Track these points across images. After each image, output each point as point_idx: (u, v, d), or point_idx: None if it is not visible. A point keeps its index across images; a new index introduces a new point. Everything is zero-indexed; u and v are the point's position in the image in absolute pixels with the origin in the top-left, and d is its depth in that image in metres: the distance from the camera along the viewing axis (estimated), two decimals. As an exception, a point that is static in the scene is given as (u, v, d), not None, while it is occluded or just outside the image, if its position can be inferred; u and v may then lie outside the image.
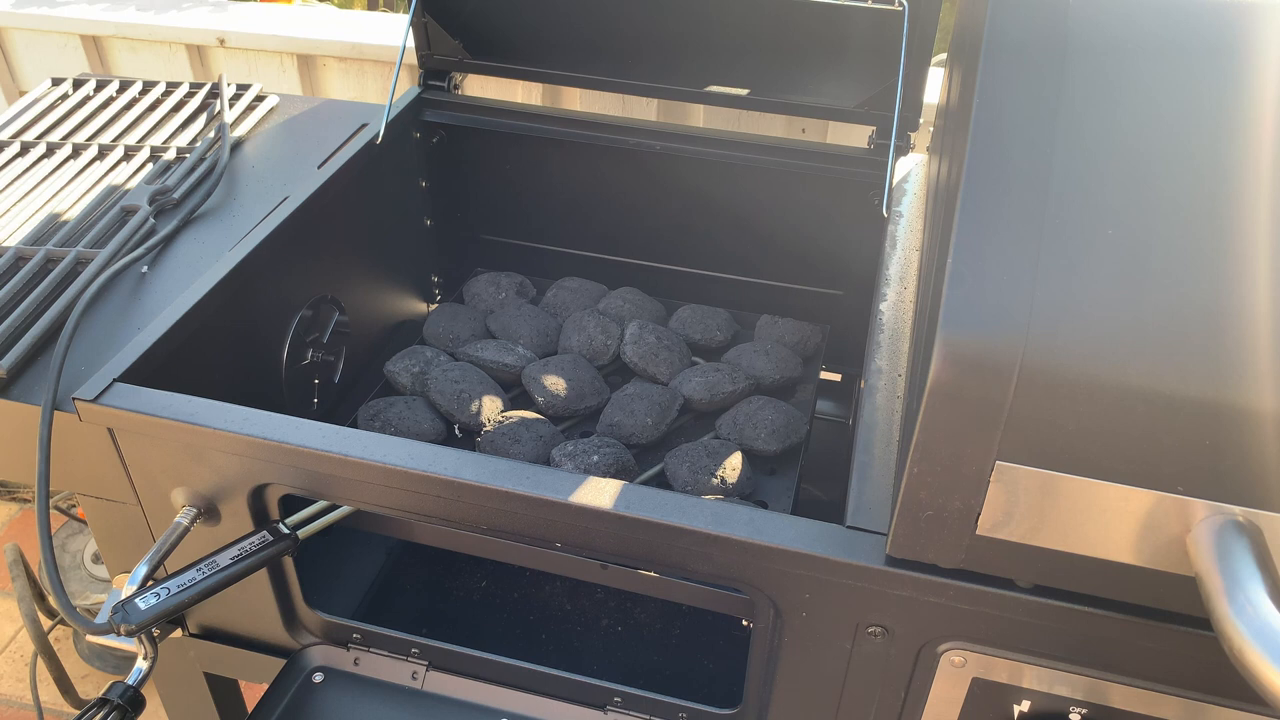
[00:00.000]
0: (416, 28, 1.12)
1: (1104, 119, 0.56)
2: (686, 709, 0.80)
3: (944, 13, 1.01)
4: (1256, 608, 0.47)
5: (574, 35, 1.12)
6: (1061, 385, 0.50)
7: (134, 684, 0.75)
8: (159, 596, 0.71)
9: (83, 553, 1.79)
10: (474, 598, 1.01)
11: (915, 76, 0.99)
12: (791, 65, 1.08)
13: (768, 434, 0.91)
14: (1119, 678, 0.65)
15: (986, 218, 0.53)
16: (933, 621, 0.66)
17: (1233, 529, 0.51)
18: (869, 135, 1.08)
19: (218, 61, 1.72)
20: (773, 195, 1.12)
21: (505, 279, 1.17)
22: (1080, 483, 0.53)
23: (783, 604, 0.69)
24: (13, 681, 1.73)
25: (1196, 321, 0.50)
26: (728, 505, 0.68)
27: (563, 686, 0.83)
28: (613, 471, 0.85)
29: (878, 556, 0.64)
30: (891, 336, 0.82)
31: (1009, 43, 0.59)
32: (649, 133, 1.12)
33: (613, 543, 0.70)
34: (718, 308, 1.12)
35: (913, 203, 1.00)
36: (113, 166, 1.03)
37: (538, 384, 0.97)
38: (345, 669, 0.87)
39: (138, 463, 0.78)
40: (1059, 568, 0.58)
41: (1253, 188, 0.53)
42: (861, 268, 1.07)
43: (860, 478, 0.70)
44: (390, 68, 1.63)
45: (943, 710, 0.70)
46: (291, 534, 0.77)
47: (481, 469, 0.69)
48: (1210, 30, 0.59)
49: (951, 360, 0.51)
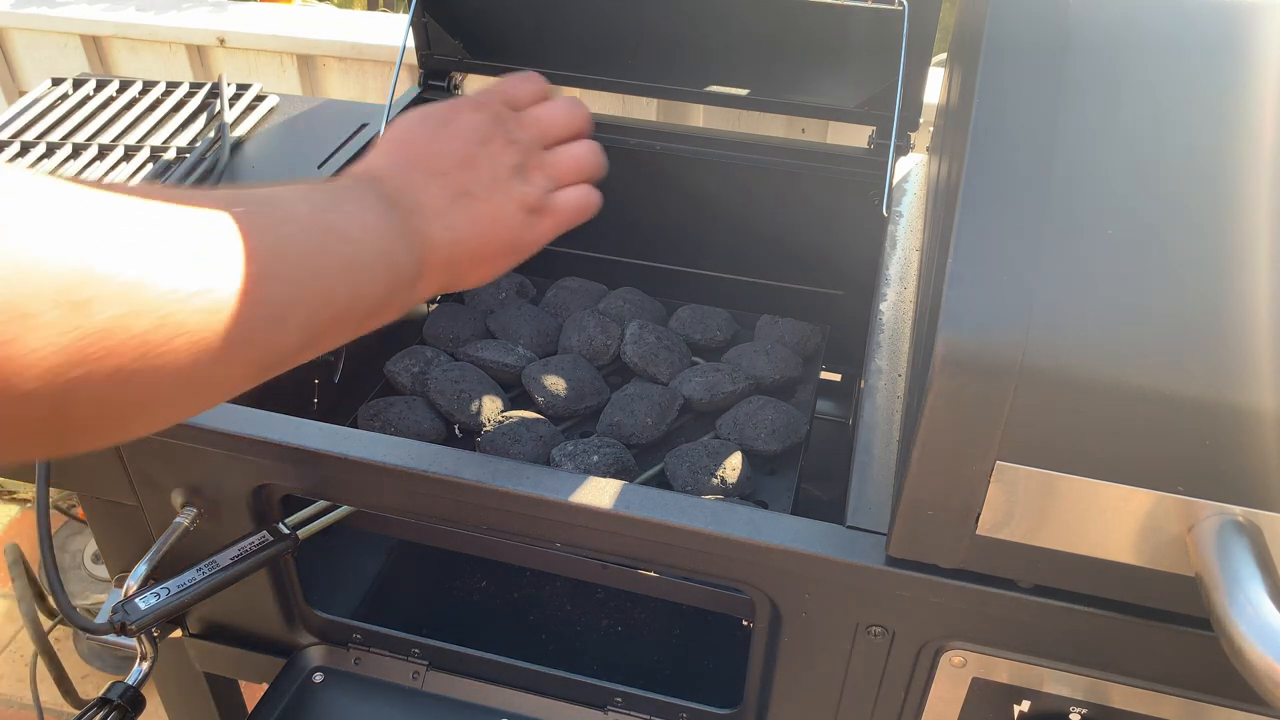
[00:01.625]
0: (416, 28, 1.12)
1: (1105, 118, 0.56)
2: (687, 709, 0.80)
3: (944, 12, 1.00)
4: (1256, 607, 0.47)
5: (574, 35, 1.12)
6: (1061, 385, 0.50)
7: (134, 684, 0.75)
8: (159, 596, 0.71)
9: (83, 553, 1.79)
10: (474, 598, 1.01)
11: (915, 76, 0.98)
12: (791, 65, 1.07)
13: (768, 434, 0.91)
14: (1119, 678, 0.65)
15: (986, 218, 0.53)
16: (933, 621, 0.66)
17: (1233, 529, 0.51)
18: (869, 135, 1.08)
19: (218, 61, 1.72)
20: (773, 195, 1.12)
21: (505, 279, 1.16)
22: (1080, 483, 0.53)
23: (783, 604, 0.69)
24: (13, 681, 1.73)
25: (1197, 321, 0.50)
26: (728, 505, 0.68)
27: (563, 686, 0.83)
28: (613, 471, 0.85)
29: (878, 556, 0.64)
30: (891, 336, 0.82)
31: (1009, 42, 0.59)
32: (649, 133, 1.12)
33: (613, 543, 0.70)
34: (718, 308, 1.12)
35: (913, 203, 1.00)
36: (113, 166, 1.03)
37: (538, 384, 0.97)
38: (345, 669, 0.87)
39: (137, 463, 0.79)
40: (1059, 568, 0.58)
41: (1254, 188, 0.53)
42: (861, 268, 1.07)
43: (860, 478, 0.70)
44: (390, 68, 1.63)
45: (943, 710, 0.70)
46: (291, 534, 0.77)
47: (481, 469, 0.69)
48: (1212, 29, 0.59)
49: (951, 360, 0.51)
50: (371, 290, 0.52)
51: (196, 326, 0.42)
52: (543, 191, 0.63)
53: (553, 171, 0.65)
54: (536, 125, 0.65)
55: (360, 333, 0.54)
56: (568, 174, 0.65)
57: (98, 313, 0.38)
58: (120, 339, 0.39)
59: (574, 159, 0.66)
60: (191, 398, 0.46)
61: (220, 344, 0.43)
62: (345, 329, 0.52)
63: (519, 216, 0.61)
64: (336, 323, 0.51)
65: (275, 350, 0.47)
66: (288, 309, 0.47)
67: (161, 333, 0.40)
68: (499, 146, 0.62)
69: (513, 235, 0.61)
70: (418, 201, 0.57)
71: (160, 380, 0.42)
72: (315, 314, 0.49)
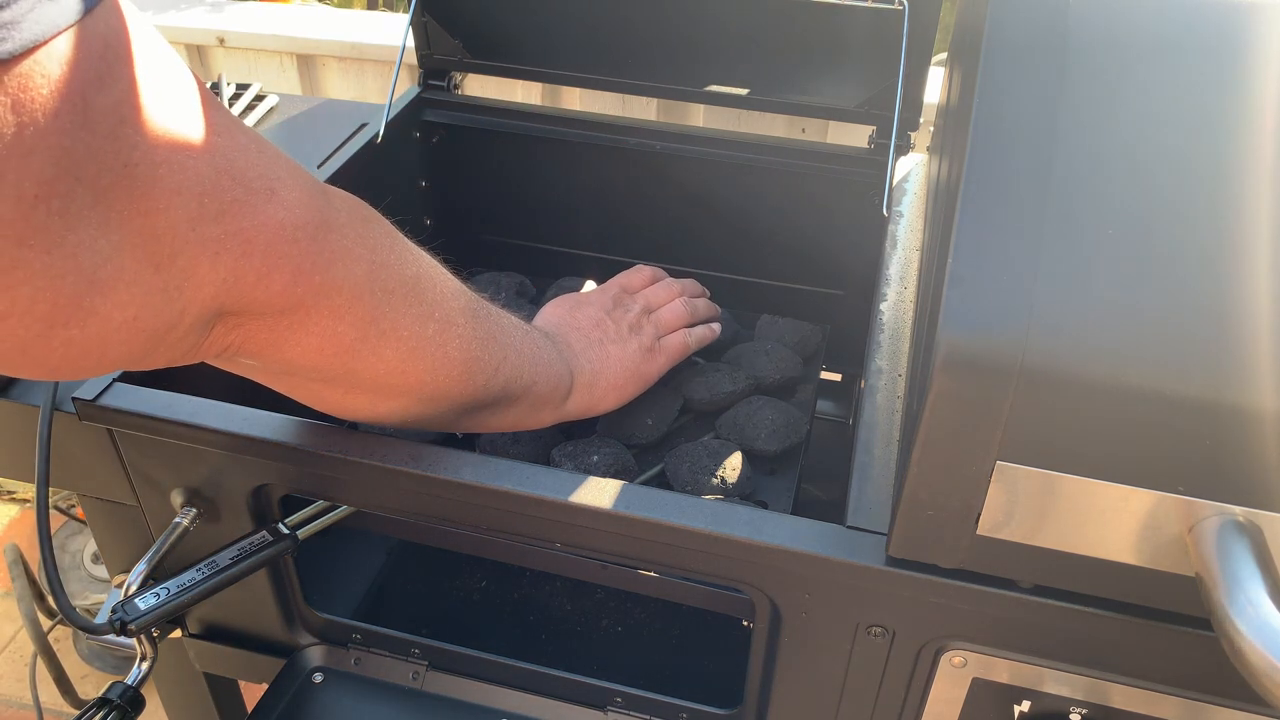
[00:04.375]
0: (416, 27, 1.12)
1: (1105, 118, 0.56)
2: (687, 709, 0.80)
3: (944, 12, 1.01)
4: (1257, 607, 0.47)
5: (574, 35, 1.12)
6: (1061, 385, 0.50)
7: (134, 684, 0.75)
8: (159, 596, 0.71)
9: (82, 553, 1.79)
10: (474, 598, 1.01)
11: (915, 76, 0.98)
12: (791, 65, 1.08)
13: (768, 434, 0.91)
14: (1119, 678, 0.65)
15: (986, 218, 0.53)
16: (933, 621, 0.66)
17: (1233, 529, 0.51)
18: (869, 135, 1.08)
19: (217, 61, 1.72)
20: (773, 195, 1.12)
21: (505, 279, 1.16)
22: (1080, 483, 0.53)
23: (783, 604, 0.69)
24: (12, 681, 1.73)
25: (1198, 321, 0.50)
26: (728, 505, 0.68)
27: (563, 686, 0.83)
28: (613, 471, 0.85)
29: (878, 556, 0.63)
30: (891, 336, 0.82)
31: (1009, 42, 0.59)
32: (649, 133, 1.12)
33: (612, 543, 0.70)
34: (718, 308, 1.12)
35: (913, 203, 1.00)
36: (112, 166, 1.03)
37: (538, 384, 0.97)
38: (345, 669, 0.87)
39: (137, 463, 0.78)
40: (1059, 568, 0.58)
41: (1255, 188, 0.53)
42: (861, 268, 1.07)
43: (860, 478, 0.70)
44: (390, 67, 1.63)
45: (943, 710, 0.70)
46: (291, 534, 0.77)
47: (481, 469, 0.69)
48: (1213, 29, 0.59)
49: (951, 360, 0.51)
50: (544, 384, 0.74)
51: (458, 345, 0.66)
52: (652, 339, 0.89)
53: (657, 325, 0.91)
54: (644, 300, 0.93)
55: (524, 423, 0.76)
56: (669, 326, 0.92)
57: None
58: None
59: (672, 314, 0.93)
60: (428, 403, 0.67)
61: (464, 365, 0.66)
62: (521, 407, 0.73)
63: (638, 355, 0.86)
64: (520, 396, 0.72)
65: (486, 391, 0.68)
66: (499, 364, 0.68)
67: (440, 338, 0.65)
68: (619, 314, 0.88)
69: (635, 367, 0.85)
70: (568, 343, 0.81)
71: (426, 374, 0.65)
72: (512, 379, 0.70)
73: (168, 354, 0.51)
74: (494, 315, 0.70)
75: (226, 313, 0.51)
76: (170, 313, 0.47)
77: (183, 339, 0.50)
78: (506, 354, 0.69)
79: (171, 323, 0.48)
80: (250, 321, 0.53)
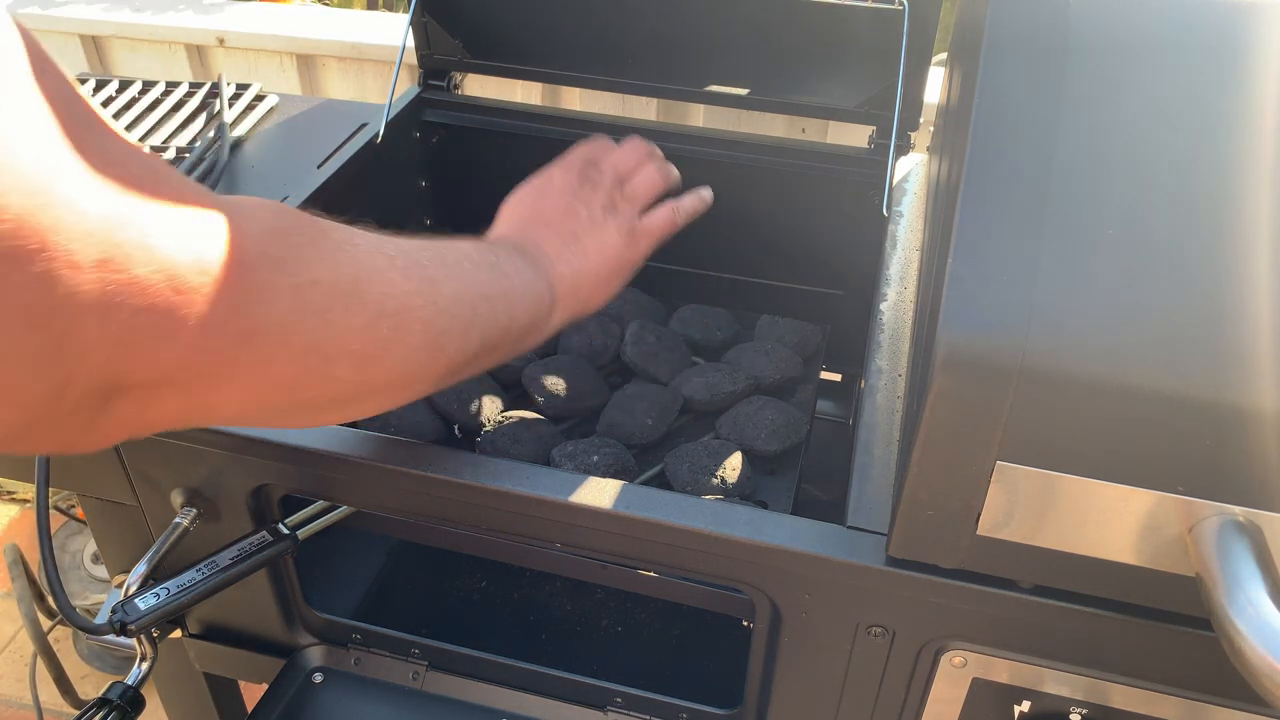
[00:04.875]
0: (416, 27, 1.12)
1: (1105, 118, 0.56)
2: (687, 709, 0.80)
3: (944, 12, 1.00)
4: (1257, 607, 0.47)
5: (574, 35, 1.12)
6: (1061, 385, 0.50)
7: (134, 684, 0.75)
8: (159, 597, 0.71)
9: (82, 553, 1.79)
10: (474, 598, 1.01)
11: (915, 76, 0.98)
12: (791, 65, 1.07)
13: (768, 434, 0.91)
14: (1119, 678, 0.65)
15: (986, 218, 0.53)
16: (933, 622, 0.66)
17: (1233, 529, 0.51)
18: (869, 135, 1.08)
19: (217, 61, 1.72)
20: (773, 195, 1.12)
21: (505, 279, 1.16)
22: (1080, 483, 0.53)
23: (783, 604, 0.69)
24: (12, 681, 1.73)
25: (1198, 321, 0.50)
26: (728, 505, 0.68)
27: (563, 686, 0.83)
28: (613, 472, 0.85)
29: (878, 556, 0.63)
30: (891, 336, 0.82)
31: (1009, 42, 0.59)
32: (649, 133, 1.11)
33: (612, 543, 0.70)
34: (718, 308, 1.12)
35: (913, 203, 1.00)
36: (112, 166, 1.03)
37: (537, 384, 0.97)
38: (345, 669, 0.87)
39: (137, 463, 0.78)
40: (1059, 568, 0.58)
41: (1255, 188, 0.53)
42: (862, 268, 1.07)
43: (860, 478, 0.70)
44: (390, 67, 1.63)
45: (943, 710, 0.70)
46: (291, 534, 0.77)
47: (481, 469, 0.69)
48: (1212, 29, 0.59)
49: (951, 360, 0.51)
50: (524, 314, 0.67)
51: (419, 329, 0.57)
52: (631, 218, 0.79)
53: (634, 199, 0.80)
54: (612, 169, 0.81)
55: (512, 354, 0.68)
56: (645, 196, 0.81)
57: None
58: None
59: (646, 184, 0.82)
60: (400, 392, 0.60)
61: (430, 347, 0.58)
62: (504, 347, 0.66)
63: (619, 243, 0.76)
64: (500, 340, 0.65)
65: (460, 355, 0.61)
66: (470, 322, 0.61)
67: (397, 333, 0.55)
68: (588, 194, 0.77)
69: (619, 257, 0.76)
70: (541, 250, 0.72)
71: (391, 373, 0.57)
72: (487, 329, 0.63)
73: (54, 434, 0.43)
74: (455, 266, 0.61)
75: (128, 385, 0.43)
76: (49, 381, 0.39)
77: (70, 416, 0.41)
78: (477, 307, 0.61)
79: (52, 394, 0.40)
80: (163, 392, 0.44)
